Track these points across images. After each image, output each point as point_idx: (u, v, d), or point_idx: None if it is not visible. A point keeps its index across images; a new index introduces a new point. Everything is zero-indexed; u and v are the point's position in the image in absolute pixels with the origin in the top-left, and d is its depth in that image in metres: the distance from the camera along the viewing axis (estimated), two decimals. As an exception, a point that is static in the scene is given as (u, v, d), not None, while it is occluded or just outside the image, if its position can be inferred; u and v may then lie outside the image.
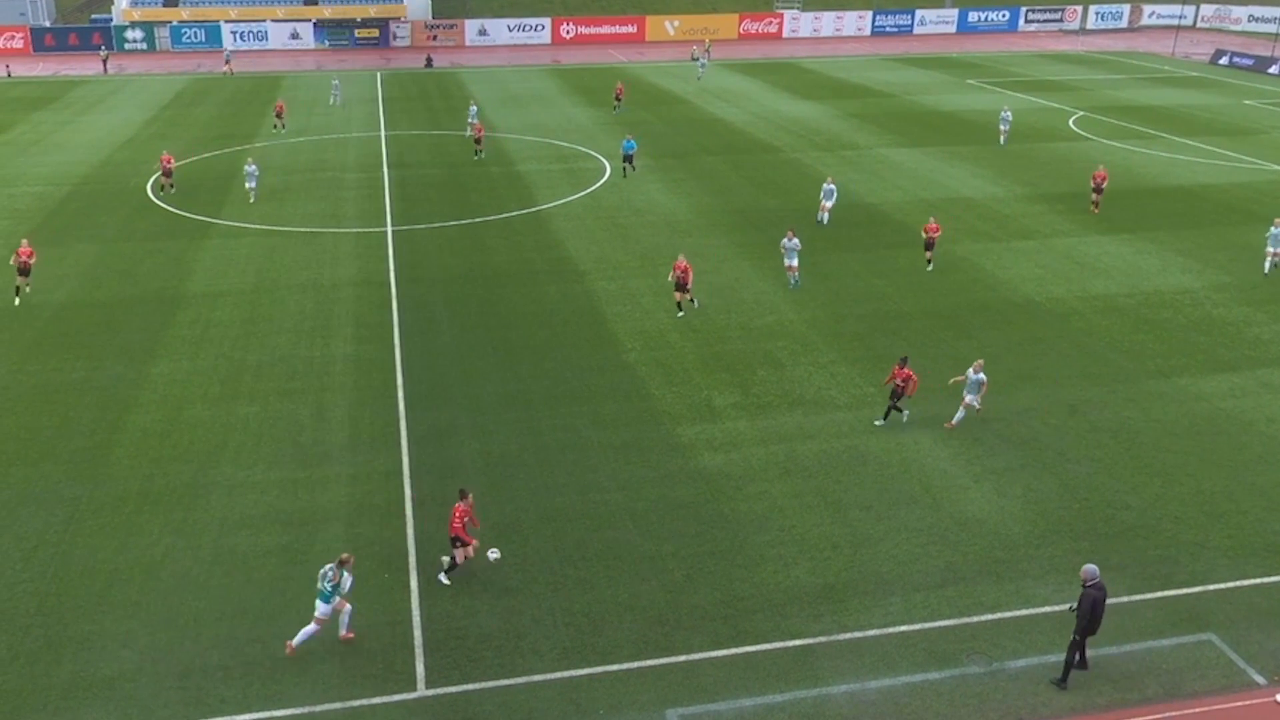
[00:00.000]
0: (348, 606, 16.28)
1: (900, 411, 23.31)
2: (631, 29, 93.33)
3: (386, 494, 20.52)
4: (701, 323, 28.92)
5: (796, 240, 31.25)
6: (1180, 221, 38.48)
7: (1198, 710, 15.26)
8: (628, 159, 44.60)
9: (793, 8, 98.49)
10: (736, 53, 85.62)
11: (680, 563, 18.42)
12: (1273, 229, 32.56)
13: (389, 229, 37.45)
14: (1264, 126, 56.47)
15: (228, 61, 75.11)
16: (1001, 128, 51.08)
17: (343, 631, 16.33)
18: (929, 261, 33.07)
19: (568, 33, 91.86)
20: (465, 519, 17.57)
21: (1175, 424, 23.49)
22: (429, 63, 78.60)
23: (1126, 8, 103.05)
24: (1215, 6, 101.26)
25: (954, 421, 22.91)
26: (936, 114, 59.34)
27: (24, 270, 29.96)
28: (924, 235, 33.27)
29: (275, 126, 53.77)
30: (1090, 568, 15.61)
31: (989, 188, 42.82)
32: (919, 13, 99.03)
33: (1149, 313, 29.89)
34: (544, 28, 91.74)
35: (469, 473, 21.21)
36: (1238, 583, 17.95)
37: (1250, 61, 78.60)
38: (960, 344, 27.54)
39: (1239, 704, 15.38)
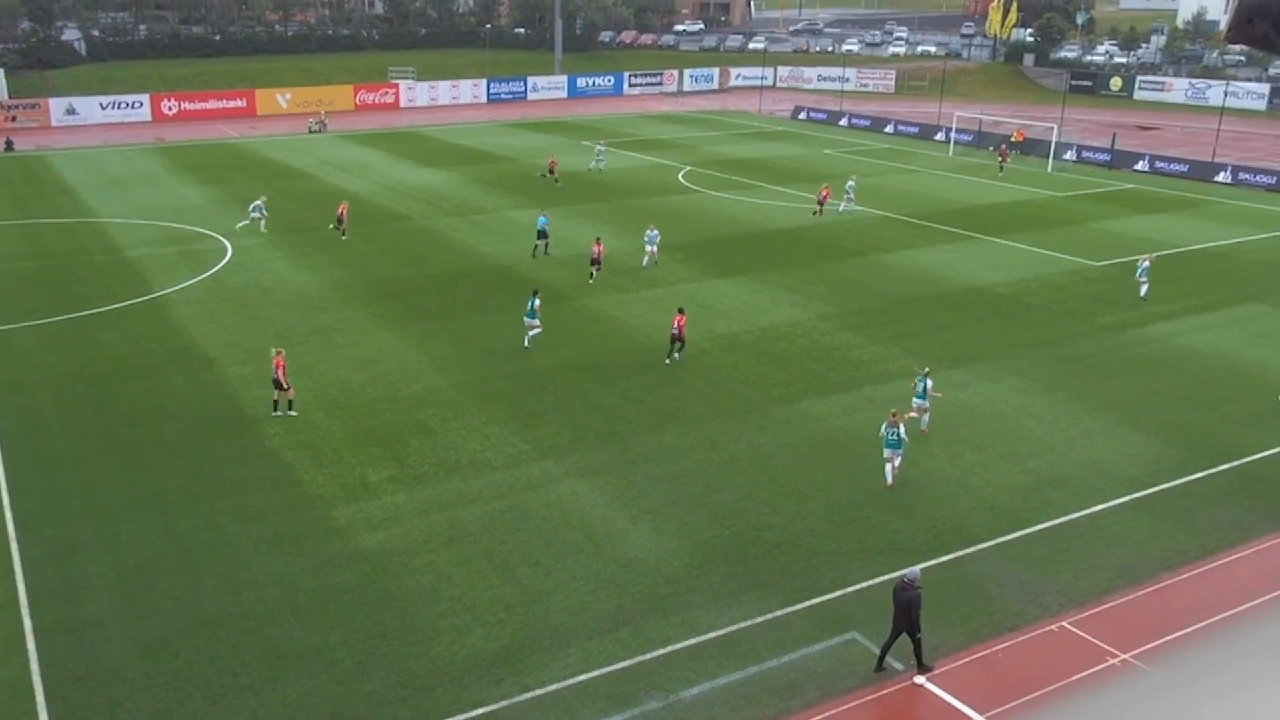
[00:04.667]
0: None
1: (675, 355, 30.23)
2: (241, 103, 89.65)
3: (1, 628, 18.10)
4: (346, 398, 28.05)
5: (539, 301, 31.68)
6: (783, 261, 42.32)
7: (853, 704, 16.62)
8: (542, 235, 42.42)
9: (407, 77, 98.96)
10: (355, 124, 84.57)
11: (350, 650, 17.63)
12: (1144, 262, 37.42)
13: (-24, 331, 33.37)
14: (842, 172, 63.42)
15: None
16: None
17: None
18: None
19: (169, 109, 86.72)
20: None
21: (802, 445, 25.65)
22: (9, 145, 71.30)
23: (716, 70, 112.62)
24: (789, 68, 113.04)
25: (924, 426, 25.88)
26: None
27: None
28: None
29: None
30: (913, 570, 17.23)
31: (613, 242, 44.87)
32: (531, 79, 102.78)
33: (767, 345, 32.53)
34: (142, 104, 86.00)
35: (100, 591, 19.18)
36: (870, 582, 19.79)
37: (824, 116, 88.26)
38: (604, 392, 28.56)
39: (885, 691, 16.93)
